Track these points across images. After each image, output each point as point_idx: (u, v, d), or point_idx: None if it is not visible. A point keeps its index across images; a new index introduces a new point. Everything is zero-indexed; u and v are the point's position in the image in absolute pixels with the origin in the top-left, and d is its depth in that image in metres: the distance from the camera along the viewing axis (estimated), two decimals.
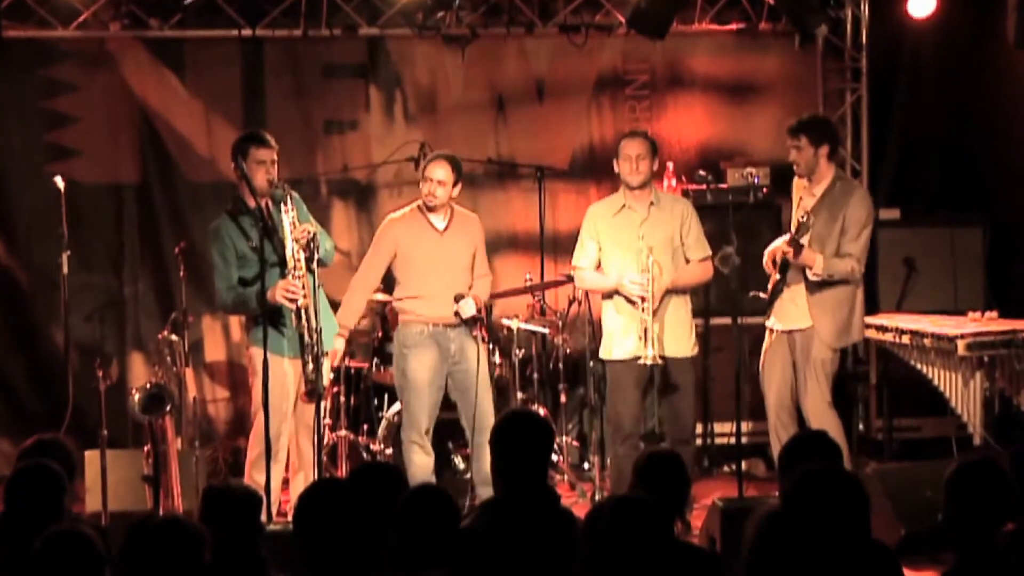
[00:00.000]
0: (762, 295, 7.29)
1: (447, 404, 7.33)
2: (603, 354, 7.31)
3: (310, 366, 6.67)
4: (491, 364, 7.67)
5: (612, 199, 7.35)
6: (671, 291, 7.14)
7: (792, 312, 7.25)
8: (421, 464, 7.18)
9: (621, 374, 7.18)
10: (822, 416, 7.09)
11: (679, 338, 7.16)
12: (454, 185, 7.17)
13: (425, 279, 7.18)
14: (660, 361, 7.00)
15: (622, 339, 7.17)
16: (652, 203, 7.19)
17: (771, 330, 7.37)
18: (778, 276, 7.24)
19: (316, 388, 6.68)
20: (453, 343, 7.17)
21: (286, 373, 6.77)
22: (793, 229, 7.12)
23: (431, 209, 7.20)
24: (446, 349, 7.17)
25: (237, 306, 6.90)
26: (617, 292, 7.16)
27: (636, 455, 4.79)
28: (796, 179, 7.46)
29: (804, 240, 7.05)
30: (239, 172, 6.68)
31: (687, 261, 7.23)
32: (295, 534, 3.90)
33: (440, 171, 7.15)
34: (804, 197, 7.29)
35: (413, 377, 7.18)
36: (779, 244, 7.26)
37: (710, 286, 7.70)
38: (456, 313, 7.11)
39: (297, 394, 6.86)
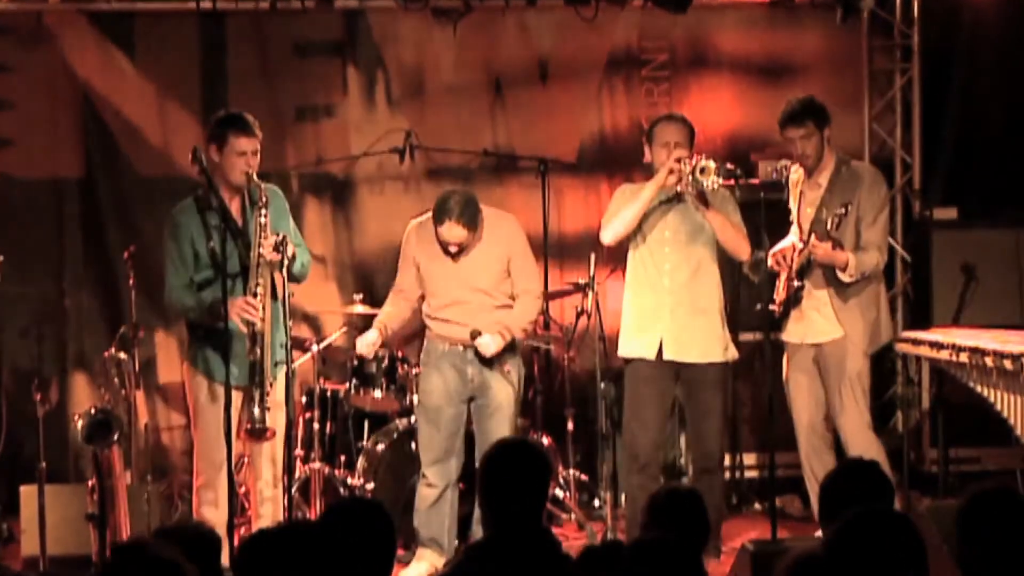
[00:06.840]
0: (771, 307, 7.24)
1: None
2: (621, 351, 7.30)
3: (255, 402, 6.46)
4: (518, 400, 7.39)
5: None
6: (697, 273, 7.14)
7: (817, 322, 7.27)
8: (422, 497, 7.20)
9: (642, 386, 7.17)
10: (863, 441, 7.11)
11: (706, 338, 7.15)
12: (475, 233, 7.05)
13: (437, 296, 7.18)
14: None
15: (643, 331, 7.16)
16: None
17: (791, 344, 7.37)
18: (797, 283, 7.24)
19: (259, 428, 6.49)
20: (471, 366, 7.16)
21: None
22: (808, 227, 7.13)
23: None
24: (463, 373, 7.17)
25: (187, 310, 6.67)
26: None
27: (653, 489, 4.77)
28: (791, 170, 7.46)
29: (832, 233, 7.06)
30: (200, 165, 6.32)
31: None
32: None
33: (455, 233, 7.00)
34: (806, 190, 7.30)
35: (423, 401, 7.26)
36: (787, 245, 7.26)
37: (737, 296, 7.69)
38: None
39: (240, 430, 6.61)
